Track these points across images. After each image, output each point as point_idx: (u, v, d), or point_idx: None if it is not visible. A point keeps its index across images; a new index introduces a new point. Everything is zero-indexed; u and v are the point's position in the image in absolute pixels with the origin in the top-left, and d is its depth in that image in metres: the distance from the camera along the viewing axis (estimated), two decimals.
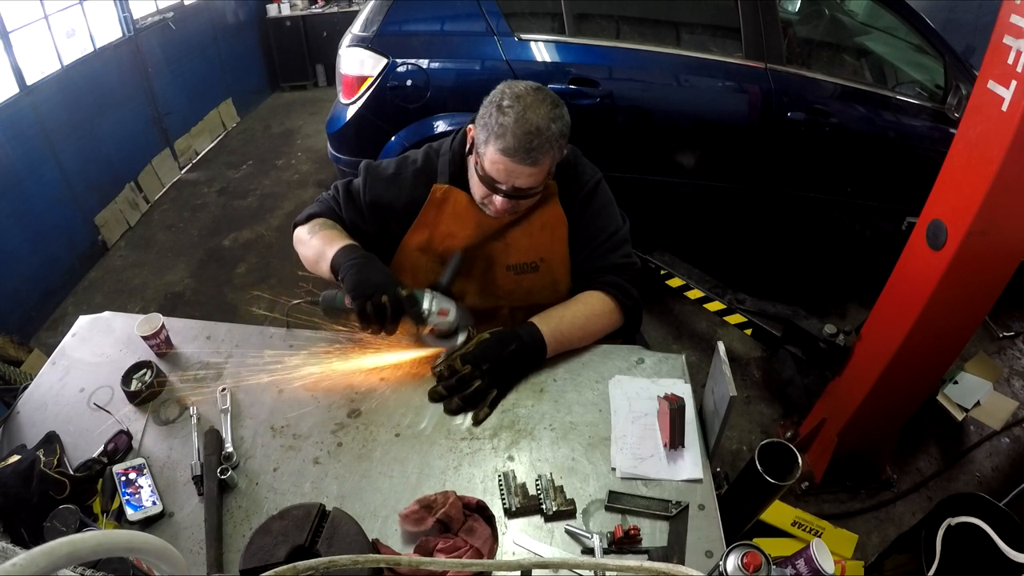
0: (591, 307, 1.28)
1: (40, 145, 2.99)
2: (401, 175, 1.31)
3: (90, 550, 0.46)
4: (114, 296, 3.14)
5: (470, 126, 1.21)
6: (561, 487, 1.01)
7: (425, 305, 1.15)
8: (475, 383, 1.15)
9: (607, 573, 0.84)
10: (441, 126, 2.45)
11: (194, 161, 4.44)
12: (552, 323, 1.23)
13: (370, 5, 2.52)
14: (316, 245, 1.24)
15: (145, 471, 1.02)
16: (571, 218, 1.31)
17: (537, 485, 1.01)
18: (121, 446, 1.07)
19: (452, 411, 1.15)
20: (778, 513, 1.82)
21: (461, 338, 1.20)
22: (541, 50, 2.46)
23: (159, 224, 3.75)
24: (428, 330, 1.17)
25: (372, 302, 1.09)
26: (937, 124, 2.47)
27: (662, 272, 2.49)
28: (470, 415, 1.15)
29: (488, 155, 1.14)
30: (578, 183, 1.31)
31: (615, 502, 0.99)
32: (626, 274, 1.31)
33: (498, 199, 1.18)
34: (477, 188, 1.22)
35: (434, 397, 1.17)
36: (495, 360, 1.17)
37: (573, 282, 1.35)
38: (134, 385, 1.16)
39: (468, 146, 1.23)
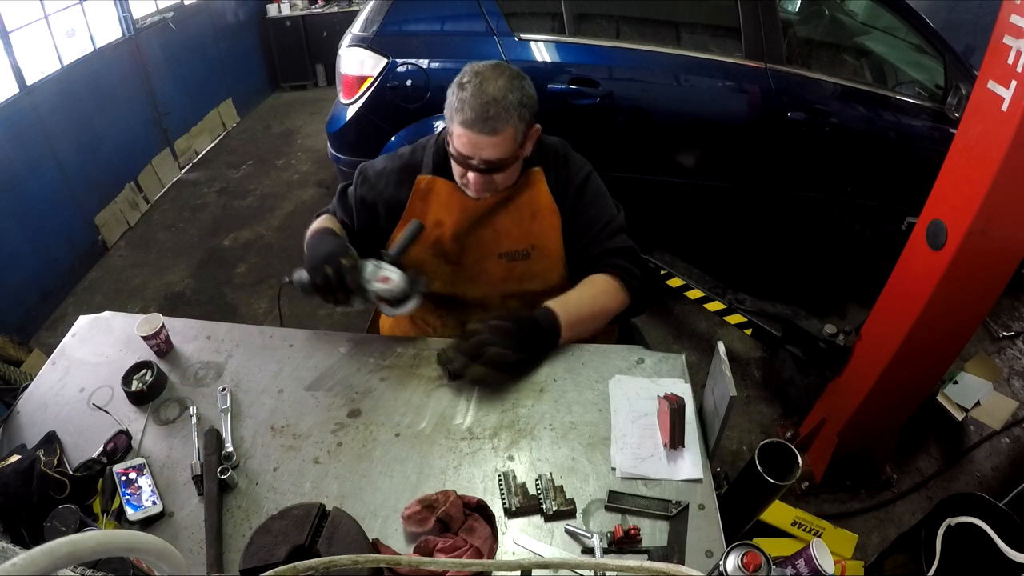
0: (597, 287, 1.30)
1: (40, 145, 2.99)
2: (388, 170, 1.35)
3: (90, 550, 0.46)
4: (114, 296, 3.14)
5: None
6: (561, 487, 1.01)
7: (366, 272, 1.19)
8: (492, 348, 1.13)
9: (607, 573, 0.84)
10: (441, 126, 2.44)
11: (194, 161, 4.44)
12: (560, 301, 1.25)
13: (370, 5, 2.52)
14: (307, 237, 1.33)
15: (145, 471, 1.02)
16: (564, 209, 1.32)
17: (537, 485, 1.01)
18: (121, 446, 1.07)
19: (457, 368, 1.14)
20: (778, 513, 1.82)
21: (412, 304, 1.23)
22: (541, 50, 2.46)
23: (159, 224, 3.75)
24: (379, 299, 1.21)
25: (319, 274, 1.16)
26: (937, 124, 2.47)
27: (662, 272, 2.49)
28: (470, 414, 1.14)
29: (454, 132, 1.18)
30: (568, 172, 1.33)
31: (615, 502, 0.99)
32: (626, 256, 1.33)
33: (472, 175, 1.21)
34: (455, 169, 1.25)
35: (442, 360, 1.17)
36: (511, 320, 1.17)
37: (573, 271, 1.36)
38: (134, 385, 1.16)
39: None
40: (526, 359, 1.21)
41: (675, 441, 1.06)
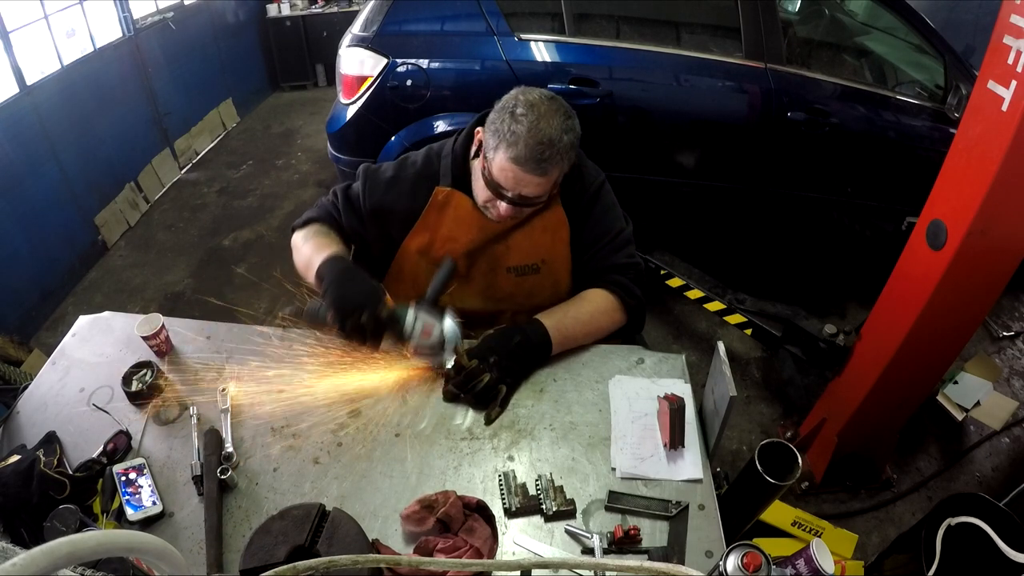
0: (595, 304, 1.29)
1: (40, 145, 2.99)
2: (400, 178, 1.30)
3: (90, 550, 0.46)
4: (114, 296, 3.14)
5: (478, 129, 1.21)
6: (561, 487, 1.01)
7: (407, 324, 1.09)
8: (484, 378, 1.13)
9: (607, 573, 0.84)
10: (441, 126, 2.45)
11: (194, 161, 4.44)
12: (555, 317, 1.24)
13: (370, 5, 2.52)
14: (307, 253, 1.23)
15: (145, 471, 1.02)
16: (574, 220, 1.31)
17: (537, 485, 1.01)
18: (121, 446, 1.07)
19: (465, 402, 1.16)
20: (778, 513, 1.82)
21: (448, 357, 1.14)
22: (541, 50, 2.46)
23: (159, 224, 3.75)
24: (413, 347, 1.12)
25: (351, 320, 1.06)
26: (937, 124, 2.47)
27: (662, 272, 2.49)
28: (470, 414, 1.15)
29: (497, 161, 1.13)
30: (582, 185, 1.31)
31: (615, 502, 0.99)
32: (629, 273, 1.32)
33: (502, 205, 1.18)
34: (481, 191, 1.22)
35: (448, 397, 1.17)
36: (501, 352, 1.17)
37: (576, 282, 1.35)
38: (134, 385, 1.16)
39: (475, 149, 1.23)
40: (520, 372, 1.20)
41: (675, 441, 1.06)
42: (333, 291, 1.09)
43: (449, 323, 1.12)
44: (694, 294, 2.42)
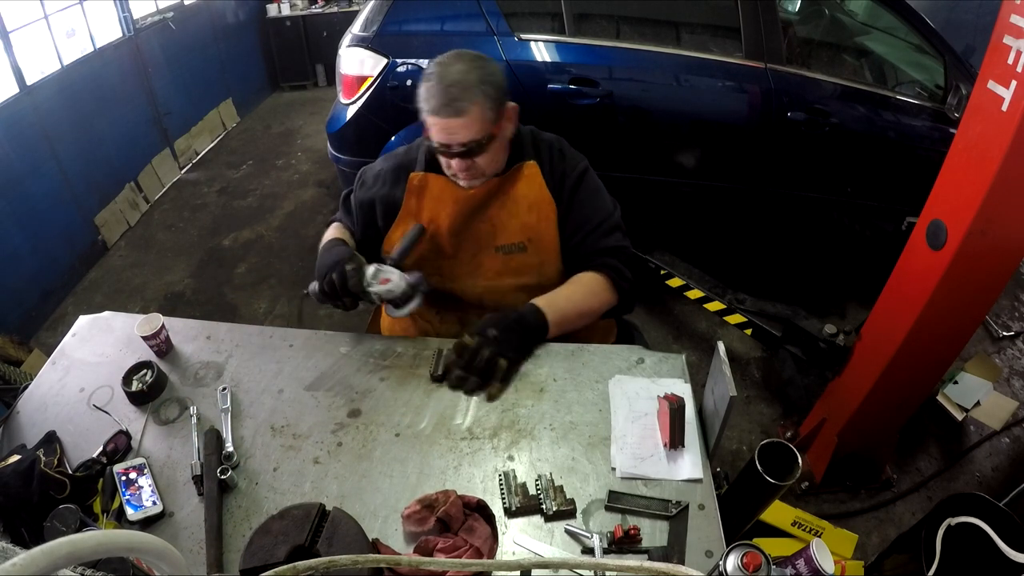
0: (587, 286, 1.31)
1: (40, 145, 2.99)
2: (384, 170, 1.37)
3: (90, 550, 0.46)
4: (114, 296, 3.14)
5: None
6: (561, 487, 1.01)
7: (367, 275, 1.21)
8: (485, 352, 1.16)
9: (607, 573, 0.84)
10: None
11: (194, 161, 4.44)
12: (548, 298, 1.27)
13: (370, 5, 2.52)
14: (319, 247, 1.36)
15: (145, 471, 1.02)
16: (560, 202, 1.33)
17: (537, 485, 1.01)
18: (121, 446, 1.07)
19: (471, 390, 1.17)
20: (778, 513, 1.82)
21: (414, 304, 1.25)
22: (541, 50, 2.46)
23: (159, 224, 3.75)
24: (383, 301, 1.24)
25: (325, 280, 1.20)
26: (937, 124, 2.46)
27: (662, 272, 2.49)
28: (470, 414, 1.15)
29: (429, 122, 1.21)
30: (564, 165, 1.34)
31: (615, 502, 0.99)
32: (620, 256, 1.34)
33: (454, 162, 1.23)
34: (442, 161, 1.27)
35: (454, 382, 1.19)
36: (499, 324, 1.20)
37: (566, 266, 1.37)
38: (134, 385, 1.16)
39: None
40: (520, 347, 1.23)
41: (675, 441, 1.06)
42: (317, 264, 1.28)
43: (411, 274, 1.24)
44: (694, 294, 2.42)
